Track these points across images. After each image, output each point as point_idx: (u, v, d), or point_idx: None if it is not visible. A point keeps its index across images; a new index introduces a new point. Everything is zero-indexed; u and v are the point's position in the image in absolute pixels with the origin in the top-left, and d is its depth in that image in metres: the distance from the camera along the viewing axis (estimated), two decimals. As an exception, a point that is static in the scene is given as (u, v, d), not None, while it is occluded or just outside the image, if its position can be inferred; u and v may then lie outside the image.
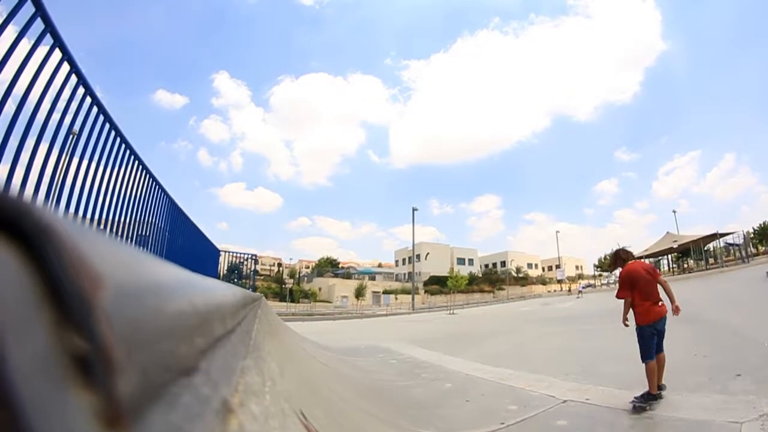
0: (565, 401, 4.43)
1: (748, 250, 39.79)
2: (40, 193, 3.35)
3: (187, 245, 7.38)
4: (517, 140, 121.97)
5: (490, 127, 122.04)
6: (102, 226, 4.11)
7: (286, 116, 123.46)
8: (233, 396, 0.51)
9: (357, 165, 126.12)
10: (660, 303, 4.54)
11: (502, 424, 3.79)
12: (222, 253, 11.77)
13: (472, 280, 61.30)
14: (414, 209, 46.76)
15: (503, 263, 75.85)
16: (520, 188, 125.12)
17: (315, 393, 2.95)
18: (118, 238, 4.51)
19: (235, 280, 13.00)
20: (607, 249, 76.64)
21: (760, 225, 46.67)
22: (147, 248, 5.28)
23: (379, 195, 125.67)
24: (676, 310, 4.64)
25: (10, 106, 3.04)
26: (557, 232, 64.27)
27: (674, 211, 56.66)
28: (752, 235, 44.26)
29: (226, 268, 12.25)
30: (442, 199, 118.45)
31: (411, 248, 50.11)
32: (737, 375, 4.50)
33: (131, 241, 4.74)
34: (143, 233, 5.13)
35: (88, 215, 3.94)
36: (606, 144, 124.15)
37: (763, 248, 44.60)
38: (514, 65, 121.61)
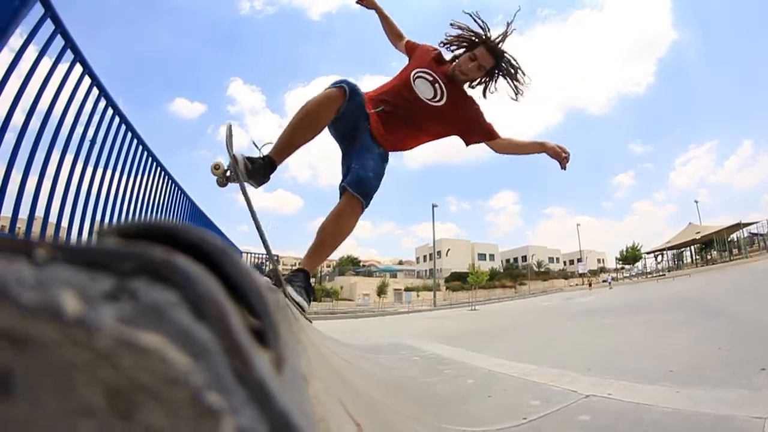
0: (587, 396, 4.44)
1: (774, 240, 38.98)
2: (67, 202, 3.49)
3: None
4: (531, 136, 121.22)
5: (502, 125, 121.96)
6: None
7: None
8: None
9: None
10: None
11: (525, 419, 3.83)
12: (243, 254, 11.90)
13: (494, 275, 61.07)
14: (434, 206, 46.86)
15: (524, 258, 75.38)
16: (536, 183, 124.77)
17: (344, 387, 3.03)
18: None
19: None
20: (628, 241, 75.60)
21: (787, 214, 45.49)
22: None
23: (394, 195, 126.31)
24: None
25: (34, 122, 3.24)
26: (578, 225, 63.68)
27: (696, 201, 55.90)
28: (778, 225, 43.21)
29: None
30: (459, 197, 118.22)
31: (431, 245, 50.13)
32: (762, 369, 4.47)
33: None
34: None
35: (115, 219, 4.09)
36: (620, 136, 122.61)
37: (790, 238, 43.53)
38: (525, 60, 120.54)
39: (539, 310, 20.00)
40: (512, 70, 3.21)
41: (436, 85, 3.07)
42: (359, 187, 2.71)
